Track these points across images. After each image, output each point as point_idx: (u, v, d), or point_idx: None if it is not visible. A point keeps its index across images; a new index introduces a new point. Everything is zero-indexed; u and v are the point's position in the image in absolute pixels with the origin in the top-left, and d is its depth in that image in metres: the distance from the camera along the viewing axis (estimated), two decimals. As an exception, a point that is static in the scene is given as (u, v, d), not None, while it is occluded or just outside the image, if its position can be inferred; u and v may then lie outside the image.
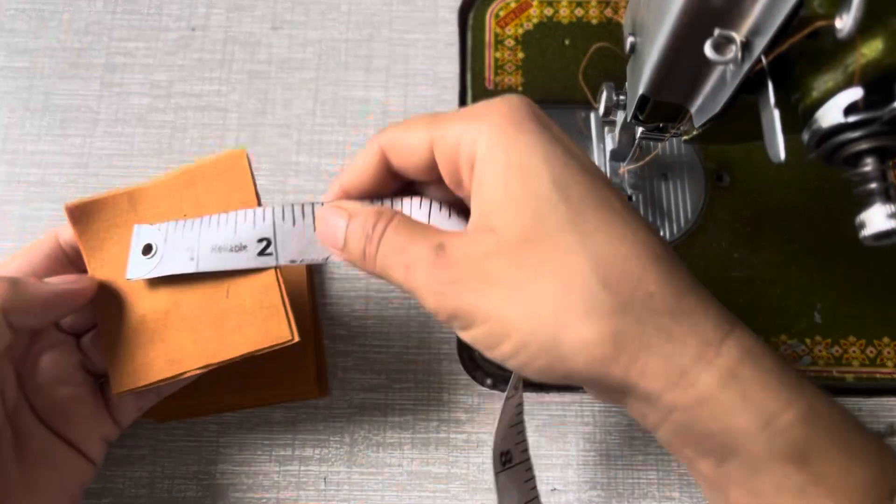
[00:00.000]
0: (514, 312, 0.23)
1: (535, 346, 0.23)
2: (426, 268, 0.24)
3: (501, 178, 0.24)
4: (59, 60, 0.42)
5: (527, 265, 0.23)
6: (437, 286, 0.24)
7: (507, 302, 0.23)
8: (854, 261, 0.38)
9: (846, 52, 0.21)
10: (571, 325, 0.22)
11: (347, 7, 0.43)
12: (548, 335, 0.22)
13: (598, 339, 0.22)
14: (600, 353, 0.22)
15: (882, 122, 0.21)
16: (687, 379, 0.22)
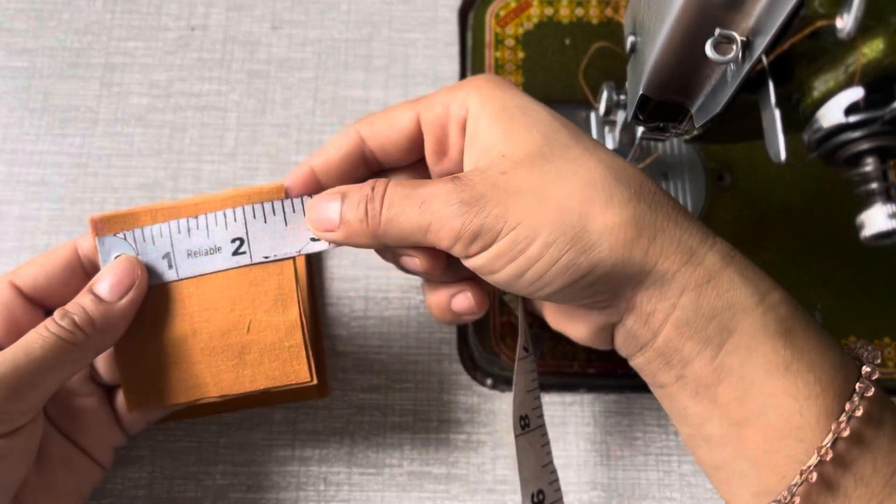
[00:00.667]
0: (541, 213, 0.24)
1: (562, 239, 0.24)
2: (444, 196, 0.25)
3: (501, 115, 0.26)
4: (58, 60, 0.42)
5: (546, 172, 0.25)
6: (457, 209, 0.25)
7: (533, 204, 0.24)
8: (855, 261, 0.38)
9: (847, 52, 0.21)
10: (596, 214, 0.24)
11: (347, 7, 0.43)
12: (575, 227, 0.24)
13: (622, 223, 0.24)
14: (623, 236, 0.24)
15: (883, 121, 0.21)
16: (696, 257, 0.24)
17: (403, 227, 0.26)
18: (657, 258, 0.24)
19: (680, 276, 0.24)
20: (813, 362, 0.24)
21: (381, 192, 0.27)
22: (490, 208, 0.25)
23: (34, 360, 0.26)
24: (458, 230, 0.25)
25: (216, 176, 0.40)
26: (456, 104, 0.28)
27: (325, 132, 0.41)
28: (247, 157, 0.40)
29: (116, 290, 0.28)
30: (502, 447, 0.36)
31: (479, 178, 0.25)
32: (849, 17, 0.19)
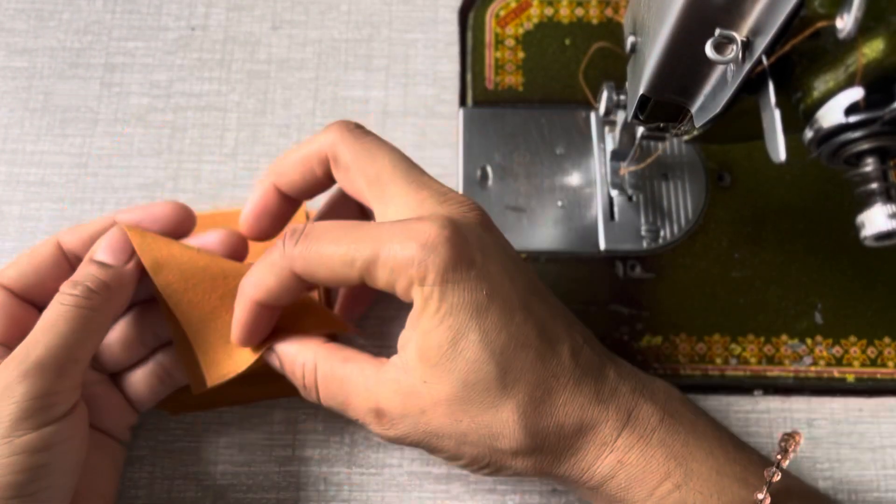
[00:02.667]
0: (459, 450, 0.28)
1: (478, 467, 0.29)
2: (373, 426, 0.29)
3: (434, 336, 0.27)
4: (58, 60, 0.42)
5: (461, 420, 0.27)
6: (388, 438, 0.29)
7: (451, 444, 0.28)
8: (855, 261, 0.38)
9: (847, 52, 0.21)
10: (505, 460, 0.28)
11: (347, 7, 0.43)
12: (489, 463, 0.28)
13: (525, 467, 0.28)
14: (529, 471, 0.28)
15: (883, 122, 0.21)
16: (589, 472, 0.28)
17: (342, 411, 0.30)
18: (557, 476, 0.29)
19: (577, 484, 0.29)
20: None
21: (313, 385, 0.30)
22: (416, 443, 0.28)
23: (64, 335, 0.27)
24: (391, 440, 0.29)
25: (216, 176, 0.40)
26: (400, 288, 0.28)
27: (325, 132, 0.41)
28: (247, 158, 0.40)
29: (120, 255, 0.30)
30: (502, 447, 0.36)
31: (398, 415, 0.28)
32: (849, 18, 0.19)
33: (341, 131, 0.30)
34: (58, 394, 0.27)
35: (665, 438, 0.28)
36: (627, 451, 0.27)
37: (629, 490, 0.28)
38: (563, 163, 0.40)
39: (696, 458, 0.28)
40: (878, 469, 0.35)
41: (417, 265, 0.26)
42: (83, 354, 0.28)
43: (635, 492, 0.28)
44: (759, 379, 0.36)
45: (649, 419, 0.28)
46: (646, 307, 0.37)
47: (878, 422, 0.36)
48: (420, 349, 0.27)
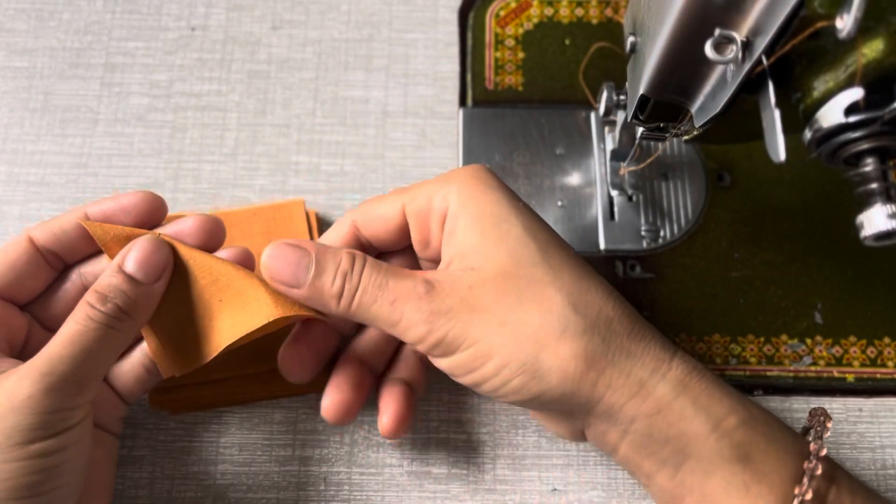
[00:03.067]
0: (499, 335, 0.26)
1: (515, 364, 0.26)
2: (415, 301, 0.27)
3: (476, 224, 0.27)
4: (58, 60, 0.42)
5: (508, 294, 0.26)
6: (426, 317, 0.26)
7: (492, 327, 0.26)
8: (855, 261, 0.38)
9: (847, 52, 0.21)
10: (549, 345, 0.25)
11: (347, 7, 0.43)
12: (528, 354, 0.25)
13: (572, 356, 0.25)
14: (573, 369, 0.25)
15: (883, 122, 0.21)
16: (646, 389, 0.26)
17: (374, 315, 0.27)
18: (604, 391, 0.26)
19: (628, 408, 0.26)
20: (773, 483, 0.25)
21: (359, 273, 0.28)
22: (454, 323, 0.26)
23: (90, 352, 0.27)
24: (423, 335, 0.27)
25: (216, 176, 0.40)
26: (438, 199, 0.29)
27: (325, 132, 0.41)
28: (247, 158, 0.40)
29: (152, 272, 0.29)
30: (502, 447, 0.36)
31: (449, 289, 0.27)
32: (849, 18, 0.19)
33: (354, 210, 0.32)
34: (76, 407, 0.27)
35: (716, 380, 0.27)
36: (688, 373, 0.26)
37: (694, 419, 0.25)
38: (563, 163, 0.40)
39: (752, 403, 0.27)
40: (878, 469, 0.35)
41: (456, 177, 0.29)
42: (104, 370, 0.29)
43: (700, 422, 0.25)
44: (759, 379, 0.36)
45: (695, 362, 0.27)
46: (646, 307, 0.37)
47: (877, 422, 0.36)
48: (463, 242, 0.27)
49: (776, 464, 0.25)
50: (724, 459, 0.25)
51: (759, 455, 0.25)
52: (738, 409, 0.26)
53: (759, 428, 0.26)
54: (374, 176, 0.40)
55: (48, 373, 0.26)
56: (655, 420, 0.26)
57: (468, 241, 0.28)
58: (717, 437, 0.25)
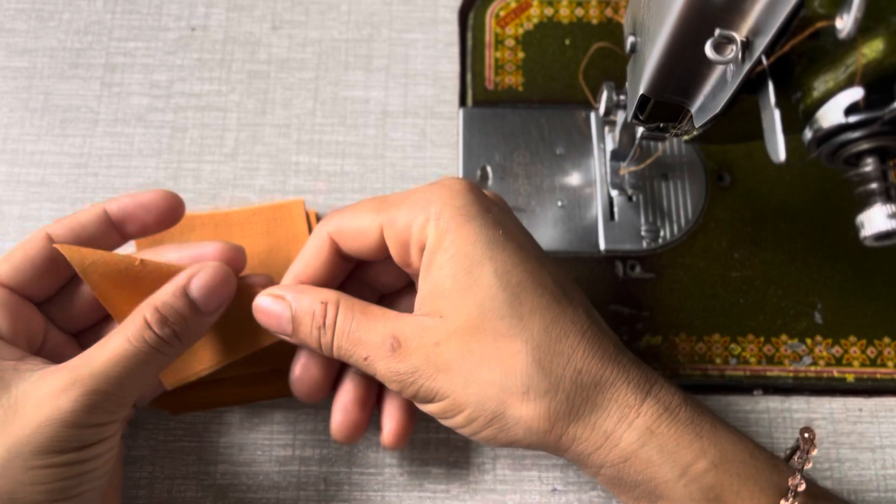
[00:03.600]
0: (466, 393, 0.26)
1: (482, 419, 0.26)
2: (384, 360, 0.27)
3: (449, 267, 0.27)
4: (58, 60, 0.42)
5: (474, 351, 0.26)
6: (397, 376, 0.27)
7: (459, 385, 0.26)
8: (855, 261, 0.38)
9: (847, 52, 0.21)
10: (513, 405, 0.26)
11: (347, 7, 0.43)
12: (493, 411, 0.26)
13: (535, 416, 0.26)
14: (536, 427, 0.26)
15: (882, 122, 0.21)
16: (611, 440, 0.26)
17: (354, 364, 0.29)
18: (570, 443, 0.26)
19: (595, 457, 0.26)
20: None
21: (332, 326, 0.29)
22: (422, 381, 0.27)
23: (138, 374, 0.27)
24: (397, 389, 0.28)
25: (216, 176, 0.40)
26: (417, 226, 0.28)
27: (325, 132, 0.41)
28: (247, 158, 0.40)
29: (214, 301, 0.29)
30: (502, 447, 0.36)
31: (416, 346, 0.27)
32: (848, 18, 0.19)
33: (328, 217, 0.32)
34: (114, 422, 0.27)
35: (693, 416, 0.26)
36: (656, 418, 0.26)
37: (661, 466, 0.25)
38: (563, 163, 0.40)
39: (728, 439, 0.26)
40: (878, 469, 0.35)
41: (436, 203, 0.27)
42: (143, 389, 0.29)
43: (668, 469, 0.25)
44: (759, 379, 0.37)
45: (672, 396, 0.27)
46: (646, 307, 0.37)
47: (877, 422, 0.36)
48: (436, 285, 0.27)
49: (751, 499, 0.26)
50: (694, 502, 0.26)
51: (731, 497, 0.25)
52: (708, 451, 0.26)
53: (733, 468, 0.26)
54: (374, 176, 0.40)
55: (94, 390, 0.26)
56: (623, 467, 0.26)
57: (441, 284, 0.27)
58: (685, 482, 0.25)
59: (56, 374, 0.26)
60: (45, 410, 0.26)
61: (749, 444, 0.27)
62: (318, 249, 0.31)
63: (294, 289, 0.30)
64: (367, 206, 0.30)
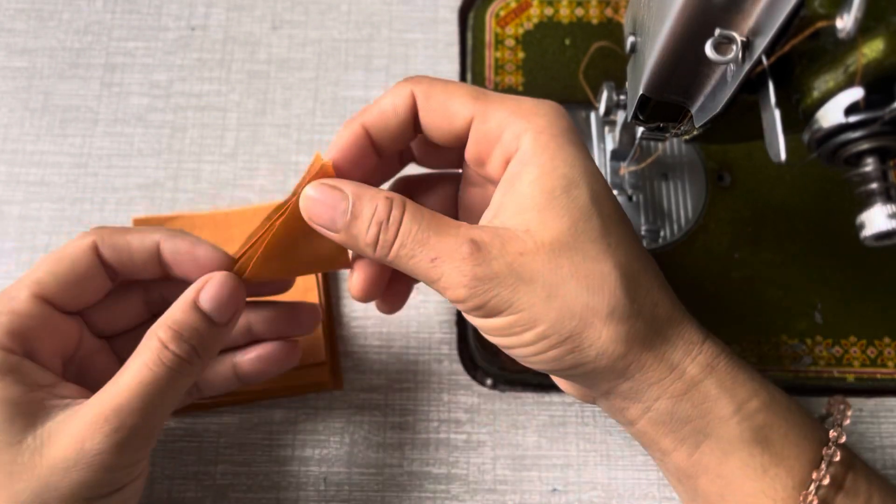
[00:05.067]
0: (545, 308, 0.25)
1: (556, 337, 0.25)
2: (458, 262, 0.25)
3: (544, 182, 0.26)
4: (58, 60, 0.42)
5: (561, 267, 0.25)
6: (468, 280, 0.25)
7: (539, 298, 0.25)
8: (855, 261, 0.38)
9: (847, 52, 0.21)
10: (594, 324, 0.25)
11: (347, 7, 0.43)
12: (571, 329, 0.25)
13: (615, 338, 0.25)
14: (612, 351, 0.25)
15: (883, 122, 0.21)
16: (676, 372, 0.26)
17: (412, 269, 0.26)
18: (635, 372, 0.26)
19: (657, 388, 0.26)
20: (791, 467, 0.26)
21: (397, 223, 0.26)
22: (498, 290, 0.25)
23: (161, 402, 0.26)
24: (462, 298, 0.25)
25: (216, 176, 0.40)
26: (511, 133, 0.27)
27: (325, 132, 0.41)
28: (247, 158, 0.40)
29: (228, 312, 0.28)
30: (502, 447, 0.36)
31: (496, 253, 0.25)
32: (849, 18, 0.19)
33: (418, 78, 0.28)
34: (142, 459, 0.27)
35: (741, 364, 0.27)
36: (716, 356, 0.26)
37: (718, 401, 0.26)
38: (563, 163, 0.40)
39: (773, 388, 0.27)
40: (879, 469, 0.35)
41: (540, 116, 0.26)
42: (167, 416, 0.28)
43: (723, 404, 0.26)
44: (759, 379, 0.37)
45: (723, 345, 0.27)
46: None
47: (878, 422, 0.36)
48: (525, 196, 0.26)
49: (795, 449, 0.26)
50: (743, 441, 0.26)
51: (779, 439, 0.26)
52: (760, 392, 0.26)
53: (780, 412, 0.26)
54: (374, 176, 0.40)
55: (119, 427, 0.25)
56: (681, 400, 0.26)
57: (531, 198, 0.26)
58: (739, 419, 0.26)
59: (82, 412, 0.25)
60: (72, 453, 0.25)
61: (787, 395, 0.27)
62: (398, 105, 0.28)
63: (352, 182, 0.27)
64: (463, 89, 0.28)
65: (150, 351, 0.26)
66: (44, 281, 0.28)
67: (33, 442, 0.25)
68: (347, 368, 0.37)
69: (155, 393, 0.26)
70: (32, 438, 0.25)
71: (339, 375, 0.37)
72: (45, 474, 0.25)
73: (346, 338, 0.37)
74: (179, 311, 0.27)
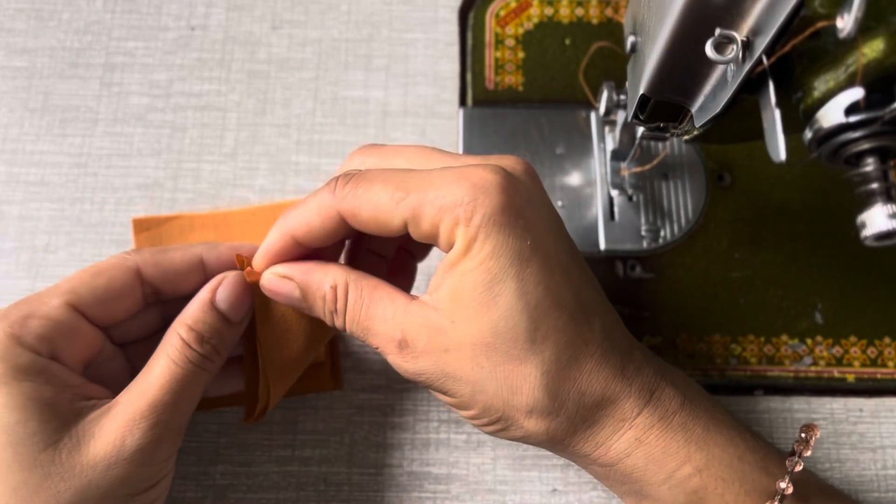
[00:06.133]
0: (472, 399, 0.27)
1: (487, 419, 0.27)
2: (393, 356, 0.27)
3: (470, 278, 0.26)
4: (58, 60, 0.42)
5: (483, 367, 0.26)
6: (405, 371, 0.27)
7: (467, 392, 0.27)
8: (855, 261, 0.38)
9: (847, 52, 0.21)
10: (517, 418, 0.27)
11: (347, 7, 0.43)
12: (499, 417, 0.27)
13: (537, 431, 0.27)
14: (538, 438, 0.27)
15: (883, 122, 0.21)
16: (603, 448, 0.27)
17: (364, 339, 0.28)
18: (568, 446, 0.28)
19: (586, 460, 0.28)
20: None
21: (343, 308, 0.28)
22: (431, 381, 0.27)
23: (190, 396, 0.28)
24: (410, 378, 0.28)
25: (216, 176, 0.40)
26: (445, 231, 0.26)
27: (325, 132, 0.41)
28: (247, 158, 0.40)
29: (241, 310, 0.29)
30: (502, 447, 0.36)
31: (423, 348, 0.27)
32: (849, 18, 0.19)
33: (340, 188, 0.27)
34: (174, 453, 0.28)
35: (686, 422, 0.27)
36: (647, 430, 0.27)
37: (646, 471, 0.27)
38: (563, 163, 0.40)
39: (718, 443, 0.27)
40: (878, 469, 0.35)
41: (466, 205, 0.25)
42: (192, 412, 0.29)
43: (652, 473, 0.27)
44: (759, 379, 0.36)
45: (671, 402, 0.27)
46: (646, 307, 0.37)
47: (878, 422, 0.36)
48: (454, 289, 0.26)
49: (735, 501, 0.27)
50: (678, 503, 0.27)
51: (715, 500, 0.27)
52: (694, 456, 0.27)
53: (718, 472, 0.27)
54: (374, 176, 0.40)
55: (156, 423, 0.26)
56: (610, 470, 0.28)
57: (460, 291, 0.26)
58: (670, 486, 0.27)
59: (116, 411, 0.26)
60: (113, 450, 0.25)
61: (742, 445, 0.28)
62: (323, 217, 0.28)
63: (300, 268, 0.29)
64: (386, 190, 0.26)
65: (176, 349, 0.27)
66: (80, 292, 0.28)
67: (69, 441, 0.26)
68: (347, 368, 0.37)
69: (184, 389, 0.27)
70: (69, 438, 0.26)
71: (339, 375, 0.36)
72: (88, 473, 0.25)
73: (346, 338, 0.37)
74: (199, 311, 0.28)
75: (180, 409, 0.27)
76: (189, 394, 0.28)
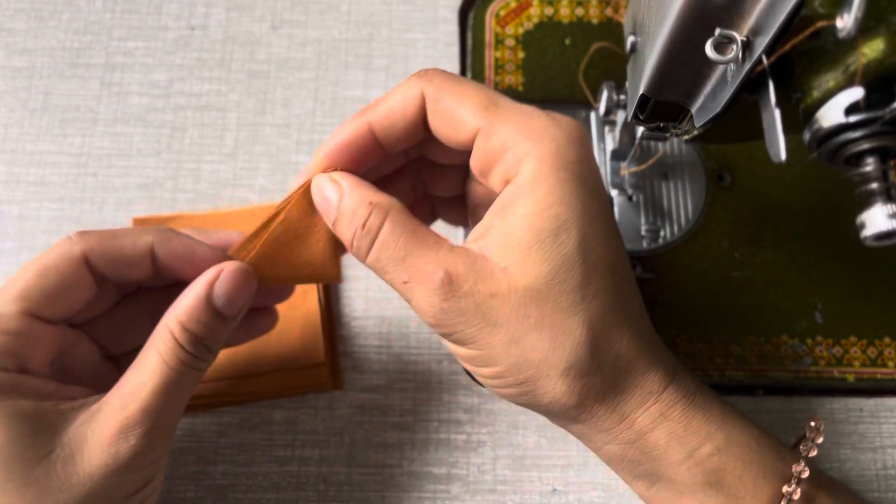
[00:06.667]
0: (505, 352, 0.25)
1: (512, 378, 0.26)
2: (428, 290, 0.25)
3: (534, 220, 0.25)
4: (58, 60, 0.42)
5: (528, 316, 0.25)
6: (436, 311, 0.25)
7: (501, 342, 0.25)
8: (855, 261, 0.38)
9: (847, 52, 0.21)
10: (550, 375, 0.25)
11: (347, 7, 0.43)
12: (527, 377, 0.25)
13: (568, 391, 0.25)
14: (565, 401, 0.26)
15: (883, 121, 0.21)
16: (626, 422, 0.26)
17: (387, 281, 0.26)
18: (588, 419, 0.26)
19: (606, 435, 0.27)
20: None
21: (372, 234, 0.26)
22: (463, 327, 0.25)
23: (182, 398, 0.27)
24: (430, 323, 0.26)
25: (216, 176, 0.40)
26: (513, 155, 0.25)
27: (325, 132, 0.41)
28: (247, 157, 0.40)
29: (238, 307, 0.28)
30: (502, 447, 0.36)
31: (468, 290, 0.25)
32: (849, 18, 0.19)
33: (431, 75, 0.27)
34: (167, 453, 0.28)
35: (705, 403, 0.27)
36: (672, 405, 0.26)
37: (667, 449, 0.26)
38: (563, 163, 0.40)
39: (735, 425, 0.27)
40: (878, 469, 0.35)
41: (548, 143, 0.25)
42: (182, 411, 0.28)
43: (673, 451, 0.26)
44: (760, 379, 0.36)
45: (689, 384, 0.27)
46: (646, 307, 0.37)
47: (878, 422, 0.36)
48: (508, 234, 0.25)
49: (752, 488, 0.26)
50: (696, 484, 0.26)
51: (734, 481, 0.26)
52: (715, 435, 0.26)
53: (738, 453, 0.26)
54: (374, 176, 0.40)
55: (152, 427, 0.26)
56: (629, 447, 0.27)
57: (517, 235, 0.25)
58: (689, 465, 0.26)
59: (107, 415, 0.25)
60: (109, 458, 0.25)
61: (756, 430, 0.27)
62: (408, 103, 0.27)
63: (352, 179, 0.27)
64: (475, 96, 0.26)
65: (169, 350, 0.26)
66: (32, 296, 0.27)
67: (62, 452, 0.25)
68: (347, 368, 0.37)
69: (176, 389, 0.26)
70: (61, 448, 0.25)
71: (339, 375, 0.36)
72: (86, 483, 0.25)
73: (346, 338, 0.37)
74: (194, 308, 0.27)
75: (173, 409, 0.27)
76: (182, 394, 0.27)
